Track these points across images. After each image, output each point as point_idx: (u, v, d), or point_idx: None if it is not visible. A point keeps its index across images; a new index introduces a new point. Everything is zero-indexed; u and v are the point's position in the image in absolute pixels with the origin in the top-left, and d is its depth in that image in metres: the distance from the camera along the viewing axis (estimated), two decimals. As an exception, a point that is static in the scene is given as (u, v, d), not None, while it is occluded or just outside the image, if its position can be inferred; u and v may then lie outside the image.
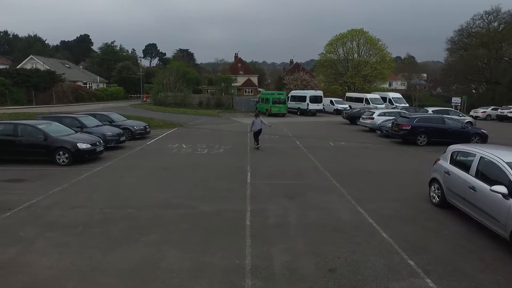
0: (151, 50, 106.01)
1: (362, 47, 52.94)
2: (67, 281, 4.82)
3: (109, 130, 15.49)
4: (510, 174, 5.81)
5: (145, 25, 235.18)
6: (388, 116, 21.68)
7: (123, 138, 15.89)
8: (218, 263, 5.30)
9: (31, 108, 31.95)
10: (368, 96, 38.63)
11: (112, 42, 73.31)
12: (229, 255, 5.53)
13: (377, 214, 7.45)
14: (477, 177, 6.62)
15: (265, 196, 8.64)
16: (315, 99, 36.29)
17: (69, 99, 41.83)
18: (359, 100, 38.76)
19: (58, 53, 76.73)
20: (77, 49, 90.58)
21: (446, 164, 7.88)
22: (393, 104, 37.20)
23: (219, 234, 6.35)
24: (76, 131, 13.75)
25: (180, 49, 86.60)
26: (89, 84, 54.86)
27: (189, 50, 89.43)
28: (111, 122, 17.69)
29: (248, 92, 66.02)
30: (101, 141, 13.33)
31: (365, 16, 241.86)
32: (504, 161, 6.10)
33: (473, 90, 54.84)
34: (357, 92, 45.37)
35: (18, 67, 45.09)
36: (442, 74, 61.73)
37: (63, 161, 11.97)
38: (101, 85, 57.10)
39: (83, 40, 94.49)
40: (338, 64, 55.11)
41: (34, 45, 73.62)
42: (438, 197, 7.99)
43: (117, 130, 15.94)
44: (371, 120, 22.25)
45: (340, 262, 5.36)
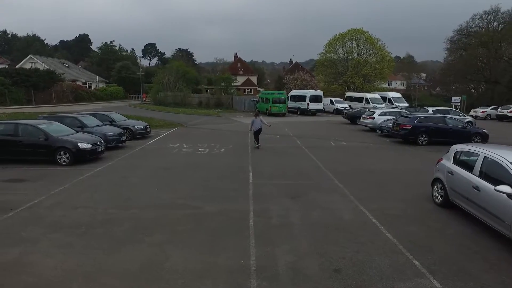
0: (150, 50, 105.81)
1: (362, 47, 52.96)
2: (72, 282, 4.79)
3: (110, 130, 15.46)
4: (515, 174, 5.80)
5: (145, 25, 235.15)
6: (389, 116, 21.70)
7: (124, 138, 15.86)
8: (223, 264, 5.28)
9: (31, 108, 31.88)
10: (368, 96, 38.64)
11: (111, 42, 73.44)
12: (234, 256, 5.51)
13: (380, 214, 7.44)
14: (481, 177, 6.62)
15: (268, 196, 8.62)
16: (315, 99, 36.28)
17: (69, 99, 41.78)
18: (359, 100, 38.76)
19: (57, 53, 76.52)
20: (76, 49, 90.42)
21: (449, 164, 7.87)
22: (393, 104, 37.23)
23: (223, 234, 6.33)
24: (77, 131, 13.71)
25: (180, 49, 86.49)
26: (89, 84, 54.75)
27: (189, 50, 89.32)
28: (112, 122, 17.68)
29: (248, 92, 65.96)
30: (102, 141, 13.29)
31: (365, 16, 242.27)
32: (509, 161, 6.09)
33: (472, 90, 54.88)
34: (357, 92, 45.37)
35: (17, 67, 45.03)
36: (442, 74, 61.77)
37: (64, 161, 11.93)
38: (101, 85, 57.00)
39: (82, 40, 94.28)
40: (338, 64, 55.11)
41: (33, 45, 73.38)
42: (441, 197, 7.98)
43: (118, 130, 15.91)
44: (372, 120, 22.25)
45: (345, 262, 5.35)
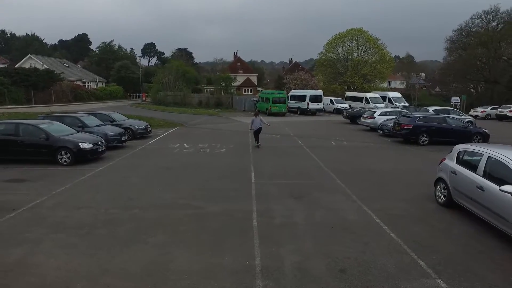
0: (150, 50, 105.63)
1: (362, 47, 52.94)
2: (76, 283, 4.76)
3: (111, 130, 15.42)
4: (520, 174, 5.80)
5: (144, 24, 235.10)
6: (389, 116, 21.73)
7: (125, 138, 15.82)
8: (228, 264, 5.25)
9: (31, 108, 31.78)
10: (368, 96, 38.63)
11: (111, 41, 73.16)
12: (239, 256, 5.49)
13: (384, 214, 7.43)
14: (485, 177, 6.61)
15: (271, 196, 8.60)
16: (315, 99, 36.28)
17: (68, 99, 41.68)
18: (359, 100, 38.77)
19: (57, 52, 76.30)
20: (75, 48, 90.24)
21: (453, 164, 7.86)
22: (393, 104, 37.22)
23: (227, 235, 6.31)
24: (78, 131, 13.68)
25: (179, 48, 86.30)
26: (88, 84, 54.65)
27: (188, 49, 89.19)
28: (112, 122, 17.65)
29: (248, 92, 65.90)
30: (103, 141, 13.25)
31: (365, 16, 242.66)
32: (513, 161, 6.08)
33: (472, 90, 54.96)
34: (357, 92, 45.38)
35: (17, 66, 44.88)
36: (441, 74, 61.84)
37: (65, 161, 11.89)
38: (100, 85, 56.88)
39: (81, 39, 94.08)
40: (338, 64, 55.09)
41: (32, 44, 73.15)
42: (444, 197, 7.97)
43: (119, 130, 15.87)
44: (372, 120, 22.25)
45: (350, 263, 5.33)
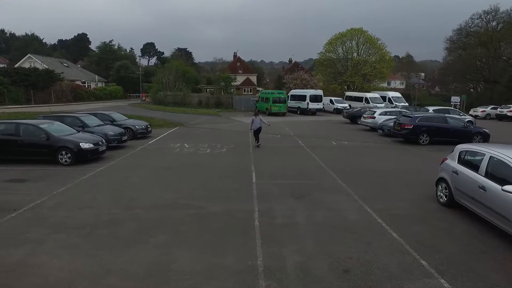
0: (149, 49, 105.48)
1: (362, 46, 52.91)
2: (79, 283, 4.76)
3: (111, 130, 15.40)
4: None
5: (143, 24, 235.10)
6: (390, 116, 21.75)
7: (125, 138, 15.81)
8: (230, 264, 5.25)
9: (30, 108, 31.73)
10: (368, 95, 38.64)
11: (110, 41, 72.97)
12: (241, 256, 5.49)
13: (385, 214, 7.43)
14: (487, 177, 6.61)
15: (272, 196, 8.60)
16: (315, 98, 36.27)
17: (68, 98, 41.62)
18: (359, 99, 38.78)
19: (56, 52, 76.11)
20: (75, 48, 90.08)
21: (454, 164, 7.86)
22: (393, 103, 37.23)
23: (229, 235, 6.30)
24: (78, 131, 13.65)
25: (179, 48, 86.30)
26: (88, 83, 54.59)
27: (187, 49, 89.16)
28: (113, 122, 17.62)
29: (247, 91, 65.89)
30: (104, 141, 13.23)
31: (364, 15, 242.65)
32: (515, 161, 6.08)
33: (471, 90, 55.00)
34: (357, 91, 45.39)
35: (16, 66, 44.80)
36: (441, 73, 61.89)
37: (66, 161, 11.87)
38: (100, 84, 56.81)
39: (81, 39, 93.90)
40: (338, 63, 55.08)
41: (32, 44, 73.02)
42: (446, 197, 7.97)
43: (119, 130, 15.85)
44: (373, 119, 22.26)
45: (353, 263, 5.33)
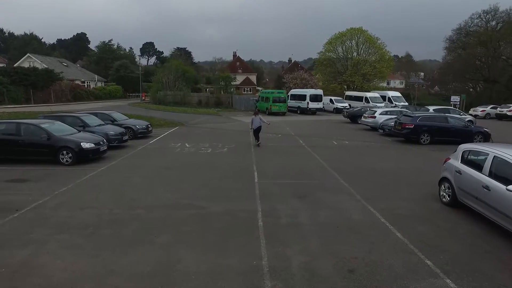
0: (149, 49, 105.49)
1: (361, 46, 52.94)
2: (83, 284, 4.73)
3: (112, 129, 15.35)
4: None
5: (143, 24, 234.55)
6: (390, 115, 21.76)
7: (126, 138, 15.76)
8: (235, 265, 5.22)
9: (30, 107, 31.64)
10: (368, 95, 38.63)
11: (110, 41, 72.99)
12: (246, 256, 5.46)
13: (389, 214, 7.42)
14: (491, 177, 6.60)
15: (275, 196, 8.58)
16: (315, 98, 36.27)
17: (68, 98, 41.52)
18: (359, 99, 38.78)
19: (55, 52, 75.98)
20: (74, 48, 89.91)
21: (457, 163, 7.85)
22: (393, 103, 37.23)
23: (233, 235, 6.28)
24: (79, 130, 13.60)
25: (178, 48, 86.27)
26: (87, 83, 54.50)
27: (187, 49, 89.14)
28: (113, 121, 17.58)
29: (247, 91, 65.87)
30: (105, 141, 13.19)
31: (364, 15, 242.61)
32: (520, 161, 6.08)
33: (471, 89, 55.04)
34: (357, 91, 45.38)
35: (16, 66, 44.67)
36: (440, 73, 61.92)
37: (67, 161, 11.83)
38: (99, 84, 56.70)
39: (80, 39, 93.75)
40: (338, 63, 55.09)
41: (31, 43, 72.88)
42: (449, 196, 7.96)
43: (120, 129, 15.80)
44: (373, 119, 22.27)
45: (358, 263, 5.31)
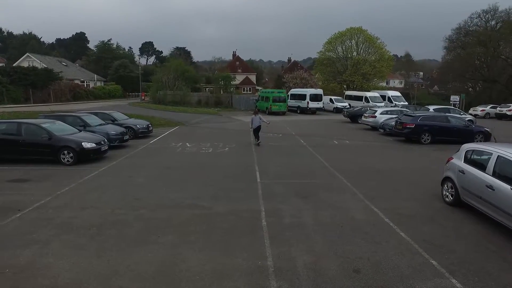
0: (148, 48, 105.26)
1: (361, 45, 52.88)
2: (88, 285, 4.71)
3: (113, 129, 15.31)
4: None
5: (142, 23, 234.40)
6: (391, 115, 21.76)
7: (127, 137, 15.74)
8: (240, 265, 5.21)
9: (29, 107, 31.55)
10: (368, 94, 38.61)
11: (109, 40, 72.82)
12: (250, 256, 5.45)
13: (392, 213, 7.41)
14: (495, 176, 6.60)
15: (278, 196, 8.56)
16: (315, 97, 36.26)
17: (67, 98, 41.41)
18: (359, 99, 38.76)
19: (54, 51, 75.78)
20: (73, 47, 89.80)
21: (460, 163, 7.85)
22: (392, 103, 37.24)
23: (237, 235, 6.26)
24: (80, 130, 13.57)
25: (177, 47, 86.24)
26: (87, 83, 54.35)
27: (186, 48, 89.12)
28: (114, 121, 17.54)
29: (247, 90, 65.82)
30: (106, 140, 13.15)
31: (364, 14, 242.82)
32: (524, 160, 6.07)
33: (470, 89, 55.06)
34: (356, 91, 45.38)
35: (15, 65, 44.51)
36: (440, 73, 61.98)
37: (68, 161, 11.79)
38: (98, 84, 56.55)
39: (79, 38, 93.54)
40: (337, 62, 55.05)
41: (30, 43, 72.62)
42: (452, 196, 7.96)
43: (120, 129, 15.77)
44: (374, 119, 22.27)
45: (363, 263, 5.30)
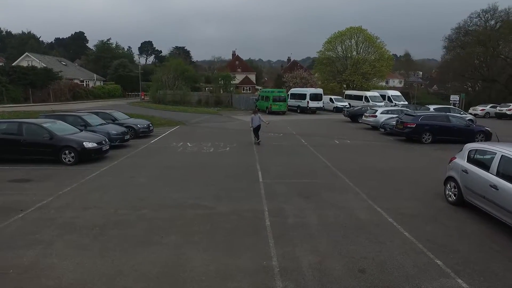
0: (147, 48, 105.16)
1: (361, 45, 52.85)
2: (92, 285, 4.69)
3: (114, 129, 15.28)
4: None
5: (141, 23, 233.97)
6: (391, 114, 21.75)
7: (127, 137, 15.69)
8: (245, 265, 5.19)
9: (29, 106, 31.48)
10: (368, 94, 38.57)
11: (108, 40, 72.70)
12: (255, 256, 5.44)
13: (395, 213, 7.40)
14: (498, 176, 6.60)
15: (281, 196, 8.55)
16: (315, 97, 36.22)
17: (66, 97, 41.34)
18: (358, 98, 38.74)
19: (53, 51, 75.68)
20: (72, 47, 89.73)
21: (463, 163, 7.84)
22: (392, 102, 37.23)
23: (241, 235, 6.24)
24: (81, 130, 13.54)
25: (177, 47, 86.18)
26: (86, 82, 54.27)
27: (185, 48, 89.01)
28: (114, 121, 17.50)
29: (246, 90, 65.76)
30: (107, 140, 13.12)
31: (364, 14, 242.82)
32: (528, 160, 6.07)
33: (469, 88, 55.11)
34: (356, 90, 45.37)
35: (14, 65, 44.40)
36: (439, 72, 62.00)
37: (69, 161, 11.75)
38: (98, 83, 56.47)
39: (78, 37, 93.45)
40: (337, 62, 55.02)
41: (28, 42, 72.43)
42: (455, 196, 7.96)
43: (121, 129, 15.73)
44: (374, 118, 22.26)
45: (368, 263, 5.29)
